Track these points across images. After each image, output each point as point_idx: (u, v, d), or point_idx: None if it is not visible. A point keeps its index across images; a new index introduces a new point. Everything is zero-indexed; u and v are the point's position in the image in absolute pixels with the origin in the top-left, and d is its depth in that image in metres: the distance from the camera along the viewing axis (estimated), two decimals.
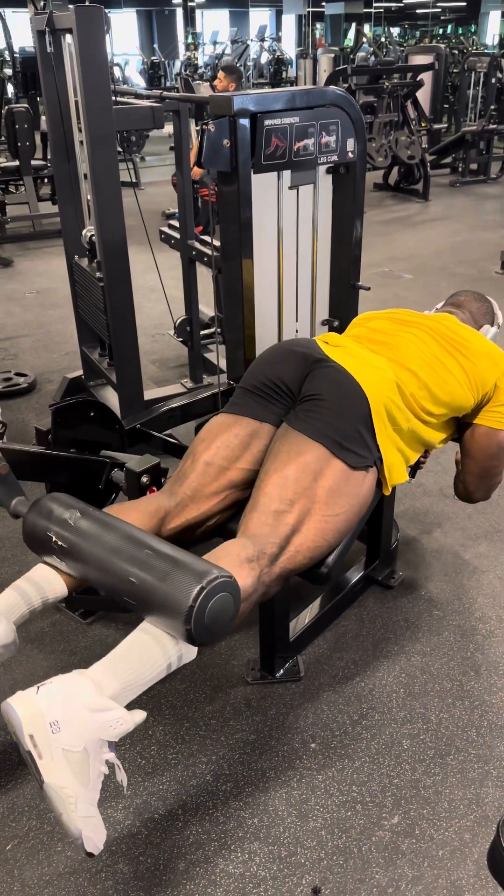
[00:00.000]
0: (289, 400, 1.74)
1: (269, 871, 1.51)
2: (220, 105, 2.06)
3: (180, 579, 1.25)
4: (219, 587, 1.25)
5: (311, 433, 1.60)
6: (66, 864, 1.54)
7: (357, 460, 1.61)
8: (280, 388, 1.74)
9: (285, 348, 1.85)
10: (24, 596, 1.46)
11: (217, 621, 1.26)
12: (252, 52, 16.81)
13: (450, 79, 11.41)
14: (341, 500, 1.58)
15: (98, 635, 2.12)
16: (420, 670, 1.99)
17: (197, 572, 1.26)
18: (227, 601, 1.27)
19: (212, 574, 1.25)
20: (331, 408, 1.63)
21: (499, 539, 2.52)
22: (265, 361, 1.83)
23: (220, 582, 1.25)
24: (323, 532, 1.56)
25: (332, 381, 1.68)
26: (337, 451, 1.59)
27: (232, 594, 1.29)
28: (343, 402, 1.64)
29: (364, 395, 1.65)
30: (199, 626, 1.23)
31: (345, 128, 2.30)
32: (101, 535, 1.40)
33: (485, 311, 2.12)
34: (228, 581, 1.28)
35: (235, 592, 1.30)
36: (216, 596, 1.24)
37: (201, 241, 3.15)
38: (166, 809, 1.64)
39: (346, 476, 1.60)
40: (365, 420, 1.65)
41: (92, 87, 2.28)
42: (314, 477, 1.56)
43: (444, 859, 1.54)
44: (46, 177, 6.68)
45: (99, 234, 2.52)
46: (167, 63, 16.92)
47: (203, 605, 1.22)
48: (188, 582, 1.24)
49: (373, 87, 7.57)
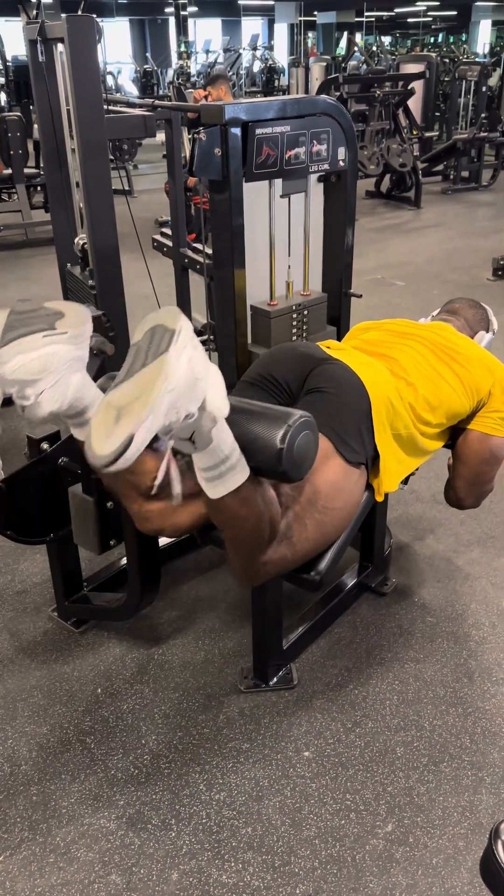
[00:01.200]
0: (287, 398, 1.74)
1: (263, 881, 1.51)
2: (212, 114, 2.07)
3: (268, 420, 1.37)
4: (302, 426, 1.37)
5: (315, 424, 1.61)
6: (59, 875, 1.53)
7: (353, 456, 1.61)
8: (280, 385, 1.75)
9: (288, 348, 1.87)
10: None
11: (303, 454, 1.38)
12: (244, 60, 16.89)
13: (441, 87, 11.49)
14: (339, 495, 1.59)
15: (91, 644, 2.12)
16: (413, 677, 1.99)
17: (283, 413, 1.39)
18: (310, 438, 1.40)
19: (296, 414, 1.37)
20: (334, 401, 1.64)
21: (491, 545, 2.52)
22: (268, 359, 1.84)
23: (303, 421, 1.38)
24: (321, 525, 1.56)
25: (336, 377, 1.69)
26: (338, 444, 1.60)
27: (313, 432, 1.41)
28: (346, 397, 1.65)
29: (366, 393, 1.66)
30: (290, 460, 1.35)
31: (336, 136, 2.31)
32: None
33: (479, 317, 2.13)
34: (309, 420, 1.40)
35: (315, 431, 1.42)
36: (301, 433, 1.37)
37: (194, 249, 3.16)
38: (159, 819, 1.64)
39: (345, 471, 1.60)
40: (366, 417, 1.65)
41: (84, 96, 2.29)
42: (317, 465, 1.56)
43: (439, 867, 1.53)
44: (39, 185, 6.69)
45: (91, 241, 2.53)
46: (160, 71, 16.98)
47: (292, 438, 1.35)
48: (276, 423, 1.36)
49: (364, 95, 7.61)
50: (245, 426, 1.37)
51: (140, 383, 1.12)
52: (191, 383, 1.15)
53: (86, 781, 1.72)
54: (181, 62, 15.46)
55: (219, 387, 1.23)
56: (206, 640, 2.12)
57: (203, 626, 2.18)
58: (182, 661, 2.05)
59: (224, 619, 2.20)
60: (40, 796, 1.69)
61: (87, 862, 1.55)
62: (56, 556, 2.10)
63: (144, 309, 4.05)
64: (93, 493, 1.90)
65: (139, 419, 1.08)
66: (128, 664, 2.05)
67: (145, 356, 1.15)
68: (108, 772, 1.74)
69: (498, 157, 9.18)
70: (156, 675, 2.00)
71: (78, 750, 1.80)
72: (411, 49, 22.11)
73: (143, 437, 1.09)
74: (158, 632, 2.16)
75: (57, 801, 1.68)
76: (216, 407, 1.22)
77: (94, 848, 1.58)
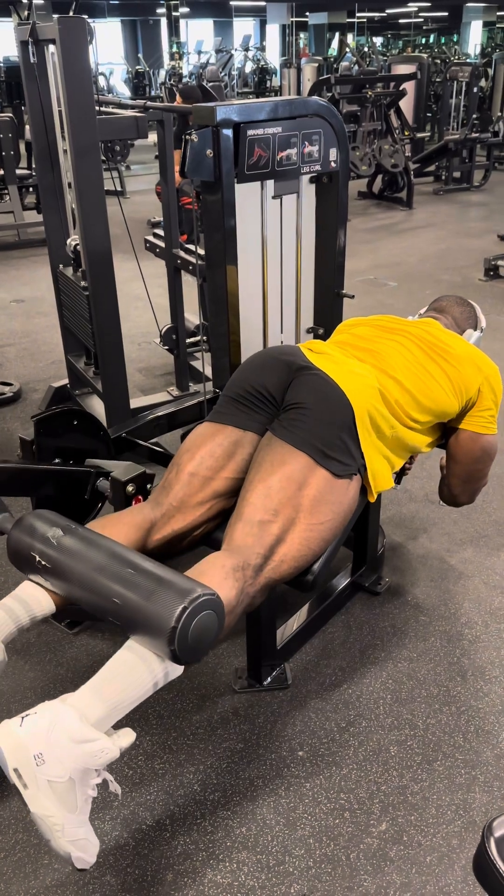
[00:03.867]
0: (272, 408, 1.74)
1: (258, 881, 1.51)
2: (204, 115, 2.07)
3: (164, 599, 1.23)
4: (202, 605, 1.23)
5: (295, 442, 1.60)
6: (53, 876, 1.53)
7: (341, 468, 1.61)
8: (263, 395, 1.74)
9: (268, 355, 1.85)
10: (11, 614, 1.46)
11: (201, 640, 1.25)
12: (236, 61, 16.89)
13: (432, 88, 11.52)
14: (325, 508, 1.58)
15: (84, 645, 2.11)
16: (407, 676, 2.00)
17: (180, 590, 1.24)
18: (212, 619, 1.26)
19: (195, 592, 1.24)
20: (314, 416, 1.63)
21: (484, 544, 2.53)
22: (248, 369, 1.83)
23: (204, 600, 1.24)
24: (307, 541, 1.56)
25: (315, 390, 1.68)
26: (321, 459, 1.59)
27: (216, 611, 1.27)
28: (327, 411, 1.64)
29: (348, 403, 1.65)
30: (184, 646, 1.22)
31: (327, 137, 2.32)
32: (84, 554, 1.38)
33: (467, 315, 2.13)
34: (212, 599, 1.26)
35: (220, 610, 1.29)
36: (200, 614, 1.23)
37: (186, 250, 3.16)
38: (154, 820, 1.64)
39: (331, 485, 1.60)
40: (349, 428, 1.65)
41: (75, 97, 2.29)
42: (298, 486, 1.56)
43: (433, 865, 1.54)
44: (31, 186, 6.68)
45: (84, 242, 2.53)
46: (152, 72, 16.97)
47: (187, 624, 1.21)
48: (171, 601, 1.22)
49: (356, 96, 7.62)
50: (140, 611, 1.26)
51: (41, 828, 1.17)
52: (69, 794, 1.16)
53: None
54: (173, 63, 15.46)
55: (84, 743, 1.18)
56: None
57: None
58: None
59: None
60: None
61: None
62: None
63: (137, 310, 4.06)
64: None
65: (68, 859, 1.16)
66: None
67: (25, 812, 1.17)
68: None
69: (489, 157, 9.21)
70: None
71: None
72: (403, 50, 22.16)
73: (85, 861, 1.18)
74: None
75: None
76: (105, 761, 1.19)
77: None
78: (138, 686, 1.26)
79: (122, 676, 1.27)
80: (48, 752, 1.16)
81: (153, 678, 1.27)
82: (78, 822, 1.17)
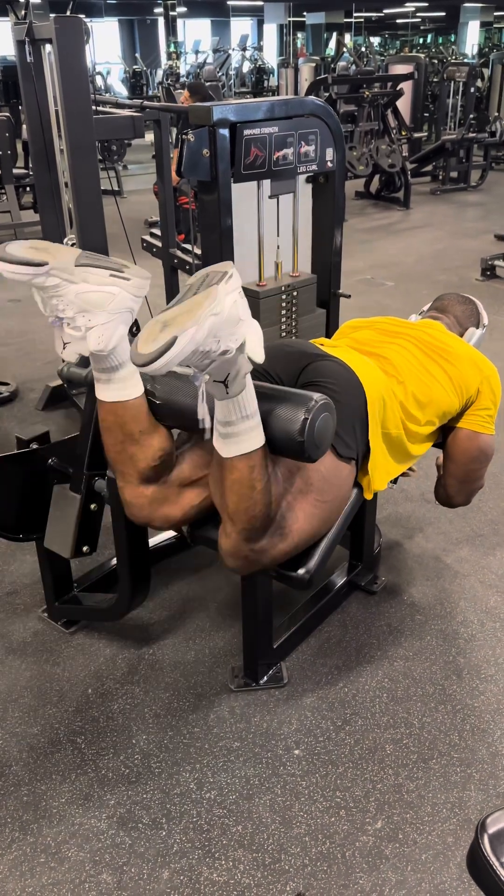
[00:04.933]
0: None
1: (254, 879, 1.51)
2: (200, 115, 2.08)
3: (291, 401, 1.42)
4: (322, 408, 1.41)
5: None
6: (50, 875, 1.53)
7: (345, 450, 1.61)
8: (274, 380, 1.74)
9: (283, 345, 1.86)
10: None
11: (323, 435, 1.43)
12: (234, 61, 16.88)
13: (430, 88, 11.53)
14: (330, 487, 1.59)
15: (81, 645, 2.12)
16: (403, 675, 2.00)
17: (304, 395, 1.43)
18: (329, 421, 1.44)
19: (316, 396, 1.42)
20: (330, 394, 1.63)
21: (480, 543, 2.54)
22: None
23: (324, 403, 1.42)
24: (312, 517, 1.55)
25: (332, 372, 1.69)
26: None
27: (331, 413, 1.44)
28: (342, 392, 1.64)
29: (362, 388, 1.67)
30: (310, 438, 1.39)
31: (324, 137, 2.32)
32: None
33: (469, 313, 2.14)
34: (328, 403, 1.43)
35: (333, 414, 1.45)
36: (322, 415, 1.41)
37: (183, 250, 3.16)
38: (150, 818, 1.64)
39: (336, 464, 1.61)
40: (360, 412, 1.66)
41: (72, 97, 2.29)
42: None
43: (428, 863, 1.54)
44: (28, 185, 6.67)
45: (80, 242, 2.53)
46: (149, 72, 16.95)
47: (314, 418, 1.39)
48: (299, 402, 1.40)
49: (353, 96, 7.63)
50: (267, 403, 1.42)
51: (189, 305, 1.20)
52: (233, 320, 1.23)
53: (76, 781, 1.72)
54: (170, 63, 15.45)
55: (258, 336, 1.29)
56: (197, 640, 2.13)
57: (193, 625, 2.18)
58: (172, 660, 2.06)
59: (214, 618, 2.21)
60: (31, 797, 1.69)
61: (78, 861, 1.55)
62: (46, 558, 2.09)
63: None
64: (80, 491, 1.90)
65: (184, 327, 1.16)
66: (118, 664, 2.05)
67: (196, 289, 1.23)
68: (98, 772, 1.74)
69: (486, 157, 9.22)
70: (146, 675, 2.01)
71: (69, 750, 1.80)
72: (400, 50, 22.18)
73: (185, 343, 1.15)
74: (149, 632, 2.16)
75: (47, 801, 1.68)
76: (254, 351, 1.28)
77: (85, 847, 1.58)
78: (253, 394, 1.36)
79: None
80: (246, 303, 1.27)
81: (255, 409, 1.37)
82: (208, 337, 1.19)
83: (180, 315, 1.18)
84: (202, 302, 1.19)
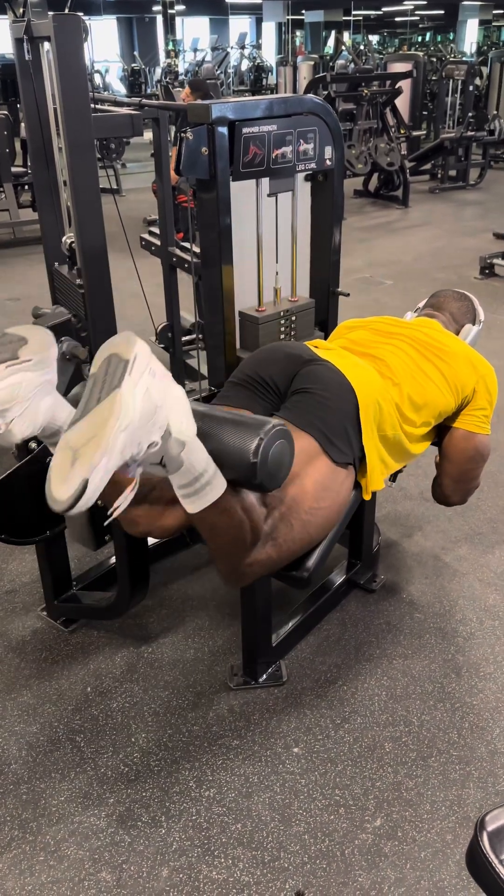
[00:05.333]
0: (276, 397, 1.75)
1: (253, 877, 1.52)
2: (198, 113, 2.07)
3: (241, 433, 1.36)
4: (276, 435, 1.36)
5: (302, 423, 1.61)
6: (49, 873, 1.53)
7: (340, 456, 1.62)
8: (268, 385, 1.75)
9: (275, 348, 1.86)
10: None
11: (277, 465, 1.38)
12: (232, 59, 16.85)
13: (428, 86, 11.52)
14: (326, 494, 1.59)
15: (80, 643, 2.12)
16: (402, 673, 2.00)
17: (255, 424, 1.37)
18: (285, 448, 1.39)
19: (269, 423, 1.36)
20: (320, 401, 1.64)
21: (479, 542, 2.54)
22: (254, 360, 1.84)
23: (278, 430, 1.36)
24: (307, 525, 1.56)
25: (322, 378, 1.69)
26: (324, 444, 1.60)
27: (288, 441, 1.39)
28: (333, 397, 1.65)
29: (353, 393, 1.67)
30: (264, 470, 1.34)
31: (322, 135, 2.32)
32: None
33: (465, 310, 2.13)
34: (283, 429, 1.38)
35: (290, 440, 1.40)
36: (275, 443, 1.36)
37: (182, 248, 3.16)
38: (149, 816, 1.64)
39: (332, 471, 1.61)
40: (352, 418, 1.66)
41: (70, 95, 2.28)
42: (303, 465, 1.57)
43: (427, 861, 1.54)
44: (27, 184, 6.66)
45: (79, 240, 2.52)
46: (148, 70, 16.93)
47: (266, 449, 1.34)
48: (249, 435, 1.35)
49: (352, 94, 7.62)
50: (218, 437, 1.37)
51: (94, 423, 1.11)
52: (149, 414, 1.16)
53: (76, 780, 1.72)
54: (169, 61, 15.43)
55: (182, 410, 1.24)
56: (196, 638, 2.13)
57: (192, 624, 2.18)
58: (172, 659, 2.06)
59: (213, 616, 2.21)
60: (30, 795, 1.69)
61: (78, 860, 1.55)
62: (45, 556, 2.09)
63: (133, 308, 4.05)
64: None
65: (92, 464, 1.08)
66: (117, 663, 2.05)
67: (100, 390, 1.14)
68: (98, 770, 1.75)
69: (485, 156, 9.21)
70: (145, 674, 2.01)
71: (68, 748, 1.80)
72: (399, 48, 22.16)
73: (99, 481, 1.08)
74: (148, 630, 2.16)
75: (47, 799, 1.68)
76: (181, 431, 1.22)
77: (85, 846, 1.58)
78: (197, 457, 1.30)
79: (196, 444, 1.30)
80: (160, 378, 1.20)
81: (207, 467, 1.31)
82: (127, 444, 1.13)
83: (87, 444, 1.10)
84: (108, 418, 1.10)
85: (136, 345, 1.18)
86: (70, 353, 1.80)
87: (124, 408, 1.11)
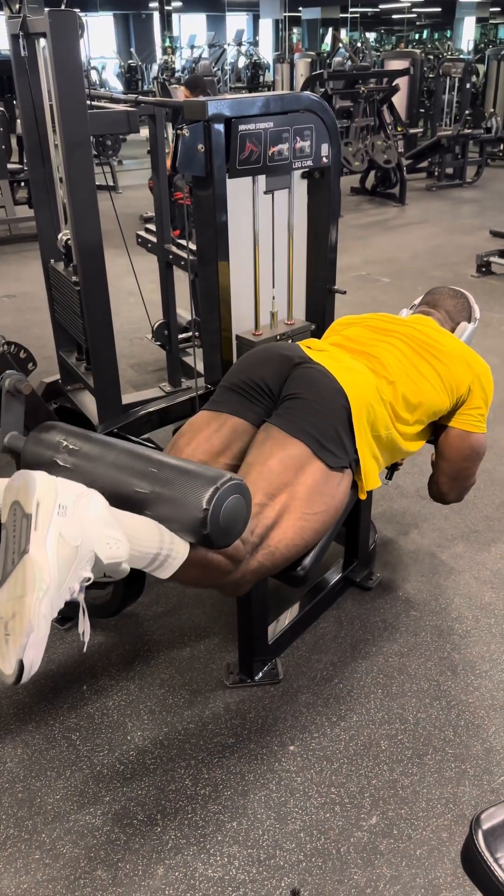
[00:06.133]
0: (269, 401, 1.75)
1: (249, 875, 1.52)
2: (195, 110, 2.07)
3: (193, 484, 1.27)
4: (231, 489, 1.27)
5: (293, 430, 1.61)
6: (45, 872, 1.53)
7: (334, 460, 1.62)
8: (261, 388, 1.75)
9: (267, 350, 1.86)
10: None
11: (231, 521, 1.29)
12: (229, 56, 16.82)
13: (425, 84, 11.51)
14: (319, 499, 1.59)
15: (75, 641, 2.11)
16: (398, 671, 2.00)
17: (209, 477, 1.28)
18: (240, 503, 1.30)
19: (224, 476, 1.28)
20: (311, 407, 1.64)
21: (475, 540, 2.54)
22: (247, 362, 1.84)
23: (233, 484, 1.28)
24: (301, 531, 1.56)
25: (313, 382, 1.69)
26: (317, 449, 1.60)
27: (244, 496, 1.31)
28: (324, 402, 1.65)
29: (345, 397, 1.67)
30: (216, 527, 1.26)
31: (319, 133, 2.31)
32: (106, 455, 1.37)
33: (461, 307, 2.13)
34: (240, 484, 1.29)
35: (247, 495, 1.32)
36: (230, 497, 1.27)
37: (178, 245, 3.15)
38: (145, 814, 1.64)
39: (325, 476, 1.61)
40: (344, 421, 1.66)
41: (66, 91, 2.28)
42: (295, 473, 1.57)
43: (422, 858, 1.55)
44: (22, 180, 6.65)
45: (74, 237, 2.52)
46: (144, 67, 16.88)
47: (218, 504, 1.25)
48: (201, 486, 1.26)
49: (349, 91, 7.61)
50: (169, 487, 1.29)
51: (14, 593, 1.08)
52: (68, 562, 1.12)
53: (71, 778, 1.72)
54: (165, 57, 15.39)
55: (104, 531, 1.17)
56: (192, 636, 2.13)
57: (188, 621, 2.18)
58: (167, 656, 2.06)
59: (209, 614, 2.21)
60: (25, 793, 1.69)
61: (73, 858, 1.55)
62: None
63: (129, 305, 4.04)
64: None
65: (21, 644, 1.05)
66: (113, 660, 2.05)
67: (13, 551, 1.11)
68: (93, 768, 1.74)
69: (482, 153, 9.22)
70: (141, 671, 2.01)
71: (63, 747, 1.80)
72: (396, 46, 22.13)
73: (32, 657, 1.06)
74: (144, 628, 2.16)
75: (42, 797, 1.68)
76: (111, 556, 1.17)
77: (80, 844, 1.58)
78: (147, 540, 1.25)
79: (140, 524, 1.26)
80: (73, 510, 1.14)
81: (161, 545, 1.27)
82: (53, 603, 1.09)
83: (14, 618, 1.06)
84: (24, 594, 1.06)
85: (35, 491, 1.13)
86: (14, 389, 1.77)
87: (38, 575, 1.07)
